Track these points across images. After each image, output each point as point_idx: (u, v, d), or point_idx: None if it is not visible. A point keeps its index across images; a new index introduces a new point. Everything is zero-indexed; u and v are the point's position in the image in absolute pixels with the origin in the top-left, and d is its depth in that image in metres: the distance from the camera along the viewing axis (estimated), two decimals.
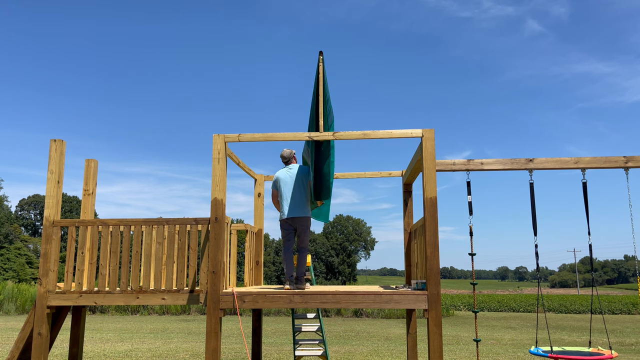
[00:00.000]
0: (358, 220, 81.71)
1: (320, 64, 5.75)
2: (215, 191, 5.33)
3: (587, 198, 5.51)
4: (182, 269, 5.51)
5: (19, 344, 5.57)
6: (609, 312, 28.00)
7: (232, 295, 5.14)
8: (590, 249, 5.34)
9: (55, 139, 5.75)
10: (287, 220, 5.96)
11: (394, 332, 16.32)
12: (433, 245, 4.98)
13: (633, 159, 5.38)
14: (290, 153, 6.28)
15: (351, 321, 20.85)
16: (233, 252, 6.59)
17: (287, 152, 6.28)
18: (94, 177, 6.72)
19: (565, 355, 5.25)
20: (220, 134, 5.45)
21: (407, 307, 5.09)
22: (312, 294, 5.16)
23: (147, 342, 12.86)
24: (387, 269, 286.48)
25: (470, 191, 5.52)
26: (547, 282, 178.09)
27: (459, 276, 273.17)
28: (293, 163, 6.28)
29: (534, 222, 5.49)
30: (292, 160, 6.28)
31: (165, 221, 5.59)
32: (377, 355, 10.77)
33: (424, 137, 5.22)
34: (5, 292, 23.55)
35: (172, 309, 23.26)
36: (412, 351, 6.45)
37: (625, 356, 11.04)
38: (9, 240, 60.00)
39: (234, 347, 12.16)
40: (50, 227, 5.60)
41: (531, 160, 5.46)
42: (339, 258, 76.39)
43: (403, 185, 7.01)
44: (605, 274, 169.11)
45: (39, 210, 78.51)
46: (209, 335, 5.09)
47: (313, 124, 5.92)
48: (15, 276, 54.70)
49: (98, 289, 5.51)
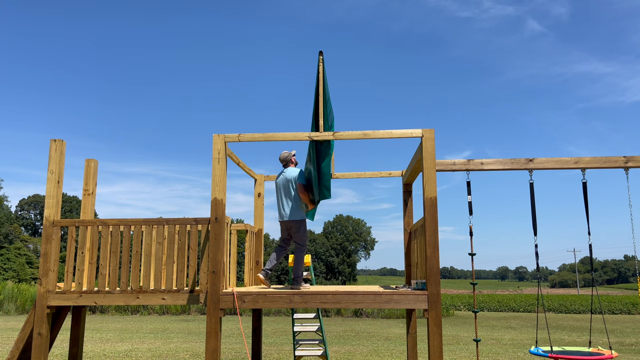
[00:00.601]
0: (358, 220, 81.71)
1: (320, 64, 5.75)
2: (215, 191, 5.33)
3: (587, 198, 5.52)
4: (182, 269, 5.51)
5: (19, 344, 5.57)
6: (609, 312, 28.00)
7: (232, 295, 5.14)
8: (590, 249, 5.34)
9: (55, 139, 5.75)
10: (280, 222, 6.20)
11: (394, 332, 16.32)
12: (433, 245, 4.98)
13: (633, 159, 5.39)
14: (287, 156, 6.31)
15: (351, 321, 20.85)
16: (233, 252, 6.59)
17: (283, 155, 6.33)
18: (94, 177, 6.72)
19: (565, 355, 5.25)
20: (220, 134, 5.45)
21: (407, 307, 5.10)
22: (312, 294, 5.16)
23: (147, 342, 12.86)
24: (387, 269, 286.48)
25: (470, 191, 5.52)
26: (547, 282, 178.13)
27: (459, 276, 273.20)
28: (290, 166, 6.30)
29: (534, 222, 5.50)
30: (289, 164, 6.31)
31: (165, 221, 5.59)
32: (377, 355, 10.77)
33: (424, 137, 5.22)
34: (5, 292, 23.55)
35: (172, 309, 23.26)
36: (412, 351, 6.45)
37: (625, 356, 11.04)
38: (9, 240, 60.01)
39: (234, 347, 12.16)
40: (50, 227, 5.60)
41: (531, 160, 5.46)
42: (339, 258, 76.38)
43: (403, 185, 7.01)
44: (605, 274, 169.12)
45: (39, 210, 78.52)
46: (209, 335, 5.09)
47: (314, 125, 5.92)
48: (15, 276, 54.70)
49: (98, 289, 5.51)
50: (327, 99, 5.79)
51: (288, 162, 6.29)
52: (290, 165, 6.30)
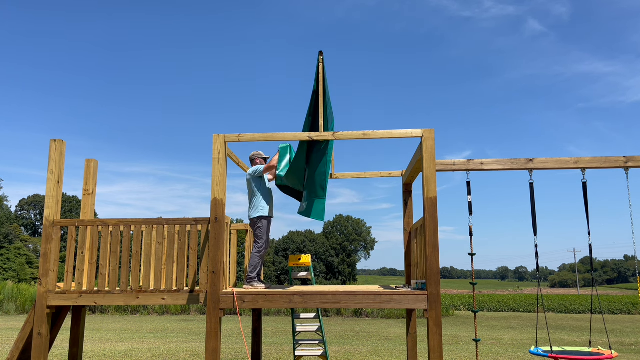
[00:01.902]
0: (358, 220, 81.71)
1: (320, 63, 5.75)
2: (215, 191, 5.33)
3: (587, 198, 5.52)
4: (182, 269, 5.51)
5: (19, 344, 5.57)
6: (609, 312, 28.00)
7: (232, 295, 5.14)
8: (590, 249, 5.34)
9: (55, 139, 5.76)
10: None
11: (394, 332, 16.32)
12: (433, 245, 4.98)
13: (633, 159, 5.38)
14: (252, 155, 6.45)
15: (351, 321, 20.85)
16: (233, 252, 6.59)
17: (251, 154, 6.48)
18: (94, 177, 6.72)
19: (565, 355, 5.25)
20: (220, 134, 5.45)
21: (407, 307, 5.10)
22: (312, 294, 5.16)
23: (147, 342, 12.86)
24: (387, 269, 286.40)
25: (470, 191, 5.52)
26: (547, 282, 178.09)
27: (459, 276, 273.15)
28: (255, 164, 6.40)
29: (534, 222, 5.49)
30: (254, 162, 6.43)
31: (165, 221, 5.59)
32: (377, 355, 10.77)
33: (423, 137, 5.22)
34: (5, 292, 23.54)
35: (172, 309, 23.26)
36: (412, 351, 6.45)
37: (625, 356, 11.04)
38: (9, 240, 60.00)
39: (234, 347, 12.16)
40: (50, 227, 5.60)
41: (531, 160, 5.46)
42: (339, 258, 76.37)
43: (403, 185, 7.01)
44: (605, 274, 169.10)
45: (39, 210, 78.52)
46: (209, 335, 5.09)
47: (308, 124, 5.91)
48: (15, 276, 54.69)
49: (98, 289, 5.51)
50: (327, 99, 5.79)
51: (252, 161, 6.43)
52: (254, 163, 6.42)
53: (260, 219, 5.99)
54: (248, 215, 6.14)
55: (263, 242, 5.99)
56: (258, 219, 5.99)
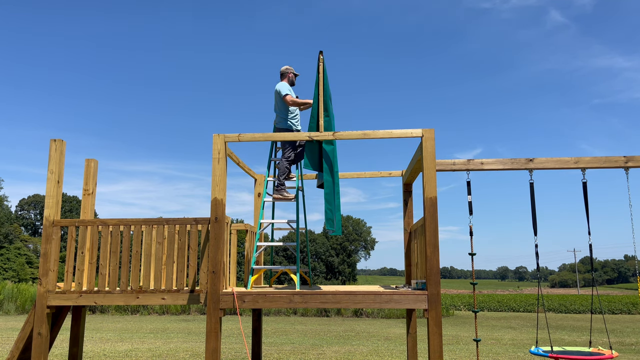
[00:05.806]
0: (358, 220, 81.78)
1: (321, 63, 5.75)
2: (215, 191, 5.33)
3: (587, 198, 5.51)
4: (182, 269, 5.50)
5: (19, 344, 5.56)
6: (609, 312, 27.99)
7: (232, 295, 5.14)
8: (590, 249, 5.34)
9: (55, 139, 5.75)
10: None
11: (394, 332, 16.32)
12: (433, 245, 4.98)
13: (633, 159, 5.38)
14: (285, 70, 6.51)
15: (351, 321, 20.84)
16: (233, 252, 6.59)
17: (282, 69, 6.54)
18: (94, 177, 6.72)
19: (565, 355, 5.24)
20: (220, 133, 5.45)
21: (407, 307, 5.09)
22: (312, 294, 5.16)
23: (147, 342, 12.86)
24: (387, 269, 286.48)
25: (470, 191, 5.51)
26: (547, 282, 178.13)
27: (459, 276, 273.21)
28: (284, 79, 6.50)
29: (534, 222, 5.49)
30: (283, 77, 6.52)
31: (165, 221, 5.59)
32: (377, 355, 10.77)
33: (424, 136, 5.21)
34: (5, 292, 23.53)
35: (172, 308, 23.25)
36: (412, 351, 6.45)
37: (625, 356, 11.04)
38: (9, 240, 60.00)
39: (234, 347, 12.16)
40: (50, 227, 5.59)
41: (531, 160, 5.45)
42: (339, 258, 76.38)
43: (403, 185, 7.01)
44: (605, 274, 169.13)
45: (39, 210, 78.54)
46: (209, 335, 5.09)
47: (314, 124, 5.90)
48: (15, 276, 54.72)
49: (98, 288, 5.51)
50: (328, 98, 5.78)
51: (282, 75, 6.50)
52: (283, 80, 6.48)
53: (284, 130, 6.27)
54: (274, 123, 6.40)
55: (290, 152, 6.21)
56: (282, 129, 6.28)
